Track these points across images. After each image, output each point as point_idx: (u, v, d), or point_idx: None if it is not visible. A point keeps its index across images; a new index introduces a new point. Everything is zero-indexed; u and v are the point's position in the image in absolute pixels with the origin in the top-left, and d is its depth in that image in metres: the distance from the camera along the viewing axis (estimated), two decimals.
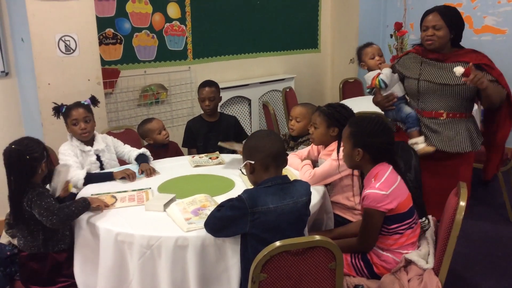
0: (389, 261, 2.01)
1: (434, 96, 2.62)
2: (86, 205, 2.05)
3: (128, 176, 2.48)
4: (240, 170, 1.99)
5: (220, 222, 1.80)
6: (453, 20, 2.54)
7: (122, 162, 2.86)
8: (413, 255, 1.97)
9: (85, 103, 2.70)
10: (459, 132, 2.60)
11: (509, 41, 5.12)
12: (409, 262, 1.96)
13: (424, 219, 2.19)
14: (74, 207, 2.02)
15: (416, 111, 2.70)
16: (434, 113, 2.63)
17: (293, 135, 3.11)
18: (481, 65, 2.49)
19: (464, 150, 2.59)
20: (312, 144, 2.69)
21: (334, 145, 2.47)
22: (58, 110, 2.66)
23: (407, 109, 2.73)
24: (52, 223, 1.98)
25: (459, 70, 2.40)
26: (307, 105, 3.09)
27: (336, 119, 2.48)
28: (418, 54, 2.73)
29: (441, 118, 2.61)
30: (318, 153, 2.65)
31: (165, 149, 3.25)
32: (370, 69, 2.86)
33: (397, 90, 2.77)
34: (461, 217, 1.85)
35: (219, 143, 2.86)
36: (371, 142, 2.03)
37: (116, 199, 2.21)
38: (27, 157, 2.04)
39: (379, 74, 2.75)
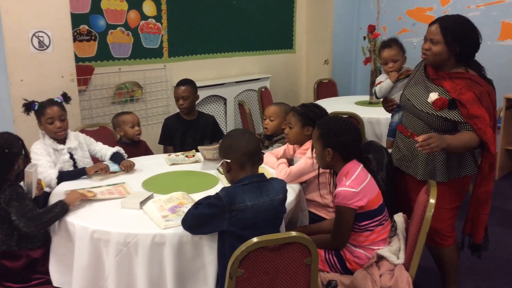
0: (362, 257, 2.06)
1: (407, 113, 2.47)
2: (65, 210, 2.02)
3: (102, 170, 2.47)
4: (217, 169, 2.01)
5: (197, 220, 1.82)
6: (456, 36, 2.21)
7: (95, 160, 2.83)
8: (384, 251, 2.03)
9: (58, 100, 2.66)
10: (416, 156, 2.36)
11: None
12: (380, 258, 2.02)
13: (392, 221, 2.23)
14: (52, 213, 1.99)
15: None
16: (403, 128, 2.50)
17: (267, 134, 3.15)
18: (456, 100, 2.21)
19: (408, 171, 2.42)
20: (287, 144, 2.73)
21: (308, 144, 2.52)
22: (29, 107, 2.60)
23: (394, 118, 2.77)
24: (29, 230, 1.97)
25: (431, 97, 2.24)
26: (281, 104, 3.14)
27: (310, 119, 2.53)
28: (422, 63, 2.48)
29: (406, 136, 2.45)
30: (294, 151, 2.70)
31: (135, 147, 3.23)
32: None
33: (398, 97, 2.67)
34: (430, 214, 1.92)
35: (199, 147, 2.84)
36: (339, 141, 2.09)
37: (96, 193, 2.20)
38: (6, 151, 2.03)
39: (380, 83, 2.80)
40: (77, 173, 2.50)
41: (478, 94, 2.18)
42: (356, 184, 2.02)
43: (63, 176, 2.45)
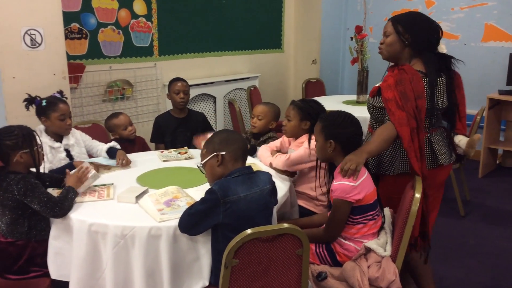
0: (351, 249, 2.13)
1: None
2: (76, 193, 2.12)
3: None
4: (198, 166, 2.06)
5: (194, 218, 1.86)
6: (405, 25, 2.27)
7: (91, 157, 2.86)
8: (372, 243, 2.09)
9: (58, 96, 2.70)
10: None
11: (461, 46, 5.42)
12: (368, 250, 2.09)
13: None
14: (70, 197, 2.06)
15: None
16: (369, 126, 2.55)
17: (254, 132, 3.22)
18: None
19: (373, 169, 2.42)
20: (283, 136, 2.81)
21: (304, 137, 2.61)
22: (31, 101, 2.62)
23: None
24: (55, 214, 2.01)
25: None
26: (269, 104, 3.24)
27: (309, 113, 2.62)
28: None
29: (369, 132, 2.52)
30: (289, 144, 2.78)
31: (131, 144, 3.27)
32: None
33: None
34: (416, 208, 1.99)
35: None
36: (341, 133, 2.15)
37: (78, 193, 2.19)
38: None
39: None
40: (65, 167, 2.49)
41: (397, 80, 2.21)
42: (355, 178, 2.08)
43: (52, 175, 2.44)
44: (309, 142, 2.54)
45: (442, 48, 2.39)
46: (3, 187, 2.07)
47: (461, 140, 2.48)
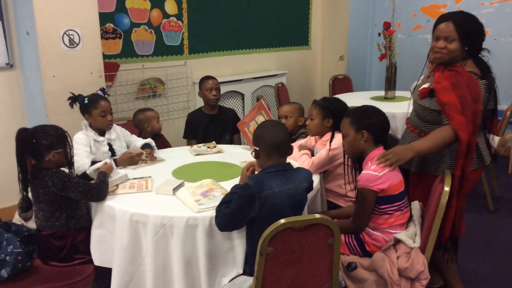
0: (379, 239, 2.18)
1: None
2: (109, 176, 2.28)
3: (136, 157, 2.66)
4: (252, 154, 2.14)
5: (231, 217, 1.92)
6: (469, 33, 2.26)
7: None
8: (401, 235, 2.14)
9: (100, 93, 2.82)
10: None
11: (491, 42, 5.34)
12: (398, 241, 2.14)
13: None
14: (106, 180, 2.21)
15: None
16: (407, 122, 2.56)
17: None
18: (433, 89, 2.28)
19: (410, 166, 2.48)
20: (309, 134, 2.86)
21: (329, 135, 2.65)
22: (75, 100, 2.76)
23: None
24: (99, 198, 2.16)
25: (423, 87, 2.30)
26: (292, 103, 3.30)
27: (331, 111, 2.66)
28: None
29: (409, 130, 2.52)
30: (315, 142, 2.83)
31: (157, 140, 3.35)
32: None
33: None
34: (445, 201, 2.03)
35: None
36: (372, 122, 2.21)
37: (117, 187, 2.32)
38: (33, 140, 2.15)
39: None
40: None
41: (454, 83, 2.19)
42: (380, 168, 2.12)
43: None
44: (331, 141, 2.58)
45: None
46: (36, 183, 2.17)
47: (492, 138, 2.48)
